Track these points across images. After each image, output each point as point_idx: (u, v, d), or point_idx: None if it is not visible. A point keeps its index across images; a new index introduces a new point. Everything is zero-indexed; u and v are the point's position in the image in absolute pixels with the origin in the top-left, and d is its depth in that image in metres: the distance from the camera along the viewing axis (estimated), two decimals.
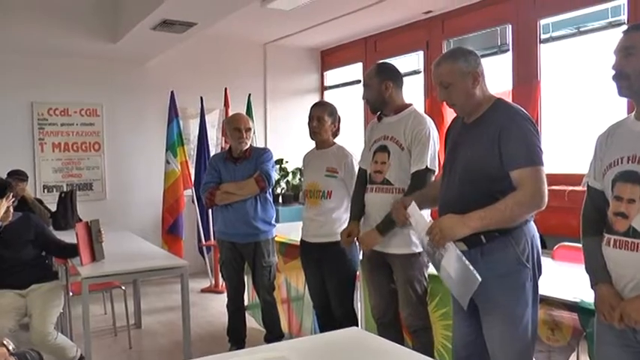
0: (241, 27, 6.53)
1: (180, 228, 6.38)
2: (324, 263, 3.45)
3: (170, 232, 6.36)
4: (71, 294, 4.24)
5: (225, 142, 6.29)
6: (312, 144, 3.59)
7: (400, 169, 2.88)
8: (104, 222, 3.99)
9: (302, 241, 3.61)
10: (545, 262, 2.35)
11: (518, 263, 2.17)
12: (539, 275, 2.25)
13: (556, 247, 3.44)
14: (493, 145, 2.16)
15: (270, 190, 3.96)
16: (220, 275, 5.25)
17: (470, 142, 2.28)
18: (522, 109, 2.25)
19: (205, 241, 6.52)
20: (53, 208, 5.39)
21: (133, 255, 4.12)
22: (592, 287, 1.96)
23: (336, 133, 3.53)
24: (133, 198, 6.73)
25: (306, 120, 3.49)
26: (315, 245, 3.48)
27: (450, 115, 5.37)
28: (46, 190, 6.35)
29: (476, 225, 2.13)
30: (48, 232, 3.86)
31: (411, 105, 3.01)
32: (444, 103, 2.35)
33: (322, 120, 3.44)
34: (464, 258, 2.12)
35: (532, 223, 2.25)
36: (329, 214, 3.41)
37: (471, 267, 2.10)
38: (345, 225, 3.19)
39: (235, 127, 3.89)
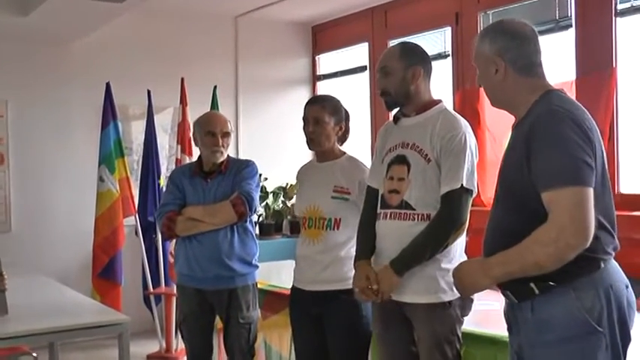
0: None
1: (117, 270, 6.33)
2: (328, 321, 3.41)
3: (104, 276, 6.30)
4: None
5: (183, 152, 6.35)
6: (302, 154, 3.58)
7: (424, 189, 2.88)
8: (8, 262, 3.93)
9: (294, 288, 3.57)
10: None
11: (584, 325, 2.10)
12: (628, 342, 2.17)
13: None
14: (521, 155, 2.16)
15: (252, 217, 4.00)
16: (179, 335, 5.21)
17: (507, 151, 2.34)
18: (568, 104, 2.20)
19: (154, 287, 6.48)
20: None
21: (49, 308, 4.05)
22: None
23: (343, 138, 3.55)
24: (51, 229, 6.69)
25: (293, 121, 3.54)
26: (313, 295, 3.44)
27: (490, 113, 5.38)
28: None
29: (497, 273, 2.18)
30: None
31: (440, 102, 3.04)
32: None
33: (321, 122, 3.44)
34: None
35: (611, 265, 2.19)
36: (337, 252, 3.39)
37: None
38: None
39: (208, 130, 3.90)
